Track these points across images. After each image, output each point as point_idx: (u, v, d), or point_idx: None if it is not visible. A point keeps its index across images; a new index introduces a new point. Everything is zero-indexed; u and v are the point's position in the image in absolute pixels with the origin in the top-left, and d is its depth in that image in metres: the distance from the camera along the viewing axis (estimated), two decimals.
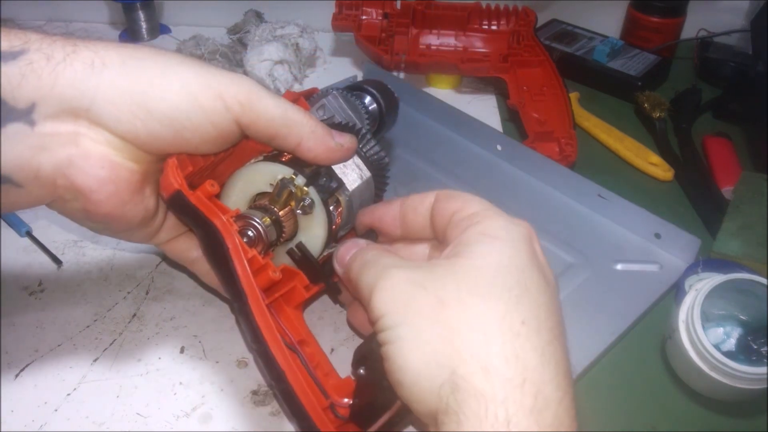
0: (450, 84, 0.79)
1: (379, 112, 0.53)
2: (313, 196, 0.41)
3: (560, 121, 0.67)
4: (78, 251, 0.54)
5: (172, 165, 0.39)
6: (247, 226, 0.40)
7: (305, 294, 0.42)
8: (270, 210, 0.41)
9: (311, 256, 0.42)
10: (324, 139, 0.41)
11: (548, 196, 0.62)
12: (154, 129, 0.37)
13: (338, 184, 0.43)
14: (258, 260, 0.39)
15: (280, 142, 0.40)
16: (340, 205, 0.44)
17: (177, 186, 0.39)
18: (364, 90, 0.54)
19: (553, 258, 0.55)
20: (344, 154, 0.43)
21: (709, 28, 0.84)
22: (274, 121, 0.39)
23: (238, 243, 0.38)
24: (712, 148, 0.69)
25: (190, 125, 0.37)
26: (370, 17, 0.77)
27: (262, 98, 0.39)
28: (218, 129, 0.38)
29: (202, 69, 0.38)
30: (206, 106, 0.37)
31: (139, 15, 0.85)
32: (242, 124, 0.39)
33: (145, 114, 0.36)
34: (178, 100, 0.36)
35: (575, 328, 0.49)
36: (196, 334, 0.48)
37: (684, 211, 0.63)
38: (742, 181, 0.60)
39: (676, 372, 0.47)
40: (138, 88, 0.36)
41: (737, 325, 0.46)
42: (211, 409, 0.44)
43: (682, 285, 0.50)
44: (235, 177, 0.43)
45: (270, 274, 0.39)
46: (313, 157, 0.41)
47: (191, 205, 0.39)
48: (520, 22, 0.77)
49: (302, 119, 0.40)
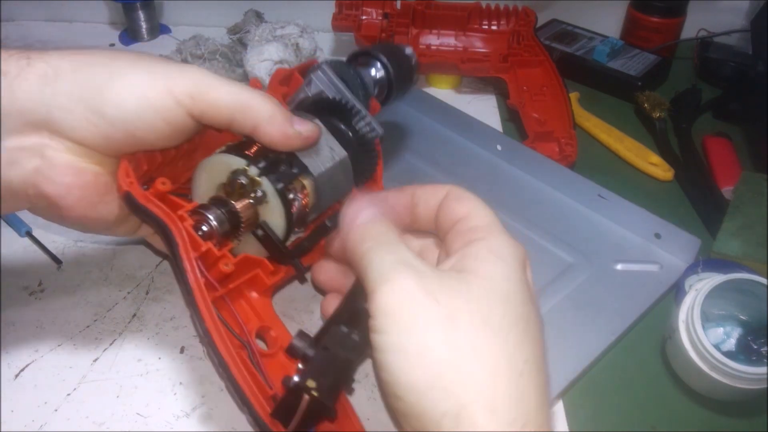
0: (450, 84, 0.79)
1: (388, 80, 0.51)
2: (265, 187, 0.41)
3: (560, 121, 0.67)
4: (78, 251, 0.54)
5: (122, 167, 0.40)
6: (201, 220, 0.40)
7: (268, 281, 0.43)
8: (225, 201, 0.41)
9: (274, 235, 0.42)
10: (282, 125, 0.40)
11: (548, 196, 0.62)
12: (109, 132, 0.38)
13: (300, 169, 0.42)
14: (213, 253, 0.39)
15: (237, 127, 0.40)
16: (306, 188, 0.43)
17: (126, 187, 0.39)
18: (373, 56, 0.52)
19: (553, 258, 0.55)
20: (303, 142, 0.42)
21: (709, 28, 0.84)
22: (226, 109, 0.39)
23: (186, 239, 0.39)
24: (712, 148, 0.69)
25: (143, 125, 0.38)
26: (370, 17, 0.77)
27: (212, 87, 0.39)
28: (171, 125, 0.39)
29: (152, 68, 0.39)
30: (157, 104, 0.38)
31: (139, 15, 0.85)
32: (195, 115, 0.39)
33: (98, 119, 0.37)
34: (128, 103, 0.37)
35: (575, 328, 0.49)
36: (196, 334, 0.48)
37: (684, 211, 0.63)
38: (742, 181, 0.60)
39: (676, 372, 0.47)
40: (89, 94, 0.37)
41: (737, 325, 0.46)
42: (211, 409, 0.44)
43: (682, 285, 0.50)
44: (199, 168, 0.43)
45: (221, 267, 0.40)
46: (268, 142, 0.41)
47: (140, 205, 0.39)
48: (520, 22, 0.77)
49: (258, 104, 0.40)
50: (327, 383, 0.34)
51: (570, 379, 0.46)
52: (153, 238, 0.47)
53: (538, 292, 0.51)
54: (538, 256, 0.56)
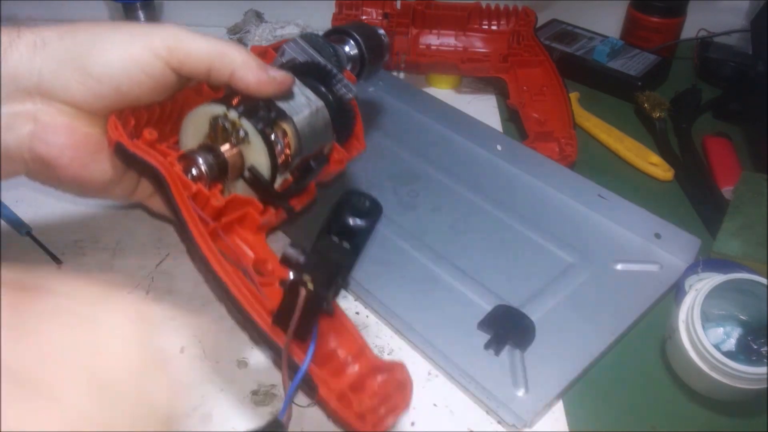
0: (450, 84, 0.79)
1: (360, 56, 0.54)
2: (246, 127, 0.43)
3: (560, 121, 0.67)
4: (78, 251, 0.54)
5: (111, 121, 0.42)
6: (190, 164, 0.43)
7: (259, 218, 0.45)
8: (211, 147, 0.44)
9: (260, 176, 0.44)
10: (256, 70, 0.43)
11: (548, 196, 0.62)
12: (96, 89, 0.41)
13: (277, 113, 0.45)
14: (203, 192, 0.42)
15: (215, 75, 0.43)
16: (287, 133, 0.45)
17: (115, 137, 0.42)
18: (347, 33, 0.55)
19: (553, 258, 0.55)
20: (277, 87, 0.44)
21: (709, 28, 0.84)
22: (203, 57, 0.42)
23: (177, 178, 0.41)
24: (712, 148, 0.69)
25: (127, 80, 0.41)
26: (370, 17, 0.77)
27: (189, 38, 0.42)
28: (153, 78, 0.42)
29: (132, 29, 0.42)
30: (138, 58, 0.41)
31: (139, 15, 0.85)
32: (174, 66, 0.42)
33: (86, 78, 0.40)
34: (112, 59, 0.41)
35: (575, 328, 0.50)
36: (196, 334, 0.48)
37: (684, 211, 0.63)
38: (742, 181, 0.60)
39: (676, 372, 0.47)
40: (76, 56, 0.40)
41: (737, 325, 0.46)
42: (211, 409, 0.44)
43: (682, 285, 0.50)
44: (184, 123, 0.46)
45: (213, 203, 0.42)
46: (245, 87, 0.43)
47: (131, 153, 0.41)
48: (520, 22, 0.77)
49: (233, 52, 0.43)
50: (322, 278, 0.35)
51: (570, 379, 0.46)
52: (150, 200, 0.49)
53: (538, 292, 0.52)
54: (538, 256, 0.56)
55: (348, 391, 0.38)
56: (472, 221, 0.59)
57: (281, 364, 0.37)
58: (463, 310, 0.50)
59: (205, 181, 0.43)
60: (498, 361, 0.47)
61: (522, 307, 0.50)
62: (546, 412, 0.45)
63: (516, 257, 0.55)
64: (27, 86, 0.40)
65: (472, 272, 0.53)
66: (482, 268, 0.54)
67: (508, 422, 0.43)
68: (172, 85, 0.43)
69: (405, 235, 0.57)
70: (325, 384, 0.37)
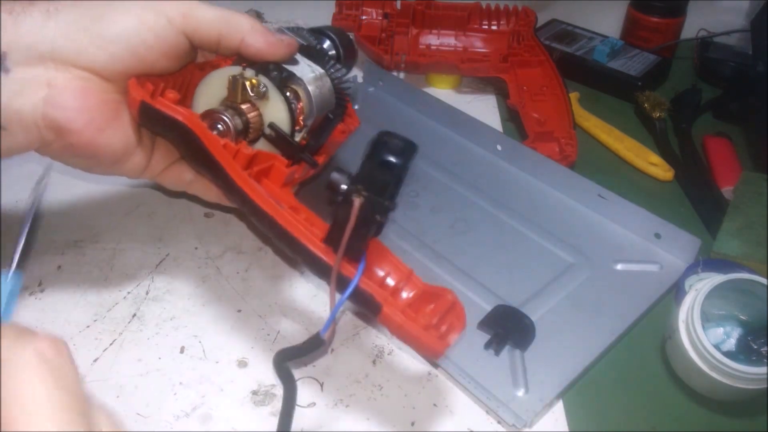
0: (450, 84, 0.79)
1: (337, 57, 0.57)
2: (264, 82, 0.45)
3: (560, 121, 0.67)
4: (78, 251, 0.54)
5: (132, 83, 0.42)
6: (214, 120, 0.44)
7: (285, 170, 0.46)
8: (233, 106, 0.45)
9: (282, 131, 0.46)
10: (264, 33, 0.45)
11: (548, 196, 0.62)
12: (113, 51, 0.41)
13: (288, 74, 0.46)
14: (231, 146, 0.43)
15: (225, 42, 0.44)
16: (299, 95, 0.47)
17: (140, 97, 0.42)
18: (323, 33, 0.58)
19: (553, 258, 0.55)
20: (286, 48, 0.46)
21: (709, 28, 0.84)
22: (214, 23, 0.43)
23: (206, 130, 0.42)
24: (712, 148, 0.69)
25: (143, 43, 0.42)
26: (370, 17, 0.77)
27: (199, 7, 0.43)
28: (168, 42, 0.43)
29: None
30: (152, 24, 0.42)
31: None
32: (187, 33, 0.43)
33: (101, 41, 0.41)
34: (127, 23, 0.41)
35: (575, 328, 0.50)
36: (196, 334, 0.48)
37: (684, 211, 0.63)
38: (742, 181, 0.60)
39: (676, 372, 0.47)
40: (90, 21, 0.41)
41: (737, 325, 0.46)
42: (211, 409, 0.44)
43: (682, 285, 0.50)
44: (198, 91, 0.47)
45: (244, 151, 0.43)
46: (256, 51, 0.45)
47: (157, 111, 0.42)
48: (520, 22, 0.77)
49: (240, 18, 0.44)
50: (374, 188, 0.35)
51: (570, 379, 0.46)
52: (162, 176, 0.49)
53: (538, 292, 0.52)
54: (538, 256, 0.56)
55: (408, 309, 0.38)
56: (472, 221, 0.59)
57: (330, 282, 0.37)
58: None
59: (231, 136, 0.44)
60: (498, 361, 0.47)
61: (522, 307, 0.50)
62: (546, 412, 0.45)
63: (516, 257, 0.55)
64: (41, 51, 0.40)
65: (472, 272, 0.53)
66: (482, 268, 0.54)
67: (508, 422, 0.43)
68: (185, 52, 0.44)
69: (405, 235, 0.57)
70: (387, 301, 0.37)
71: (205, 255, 0.55)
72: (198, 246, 0.55)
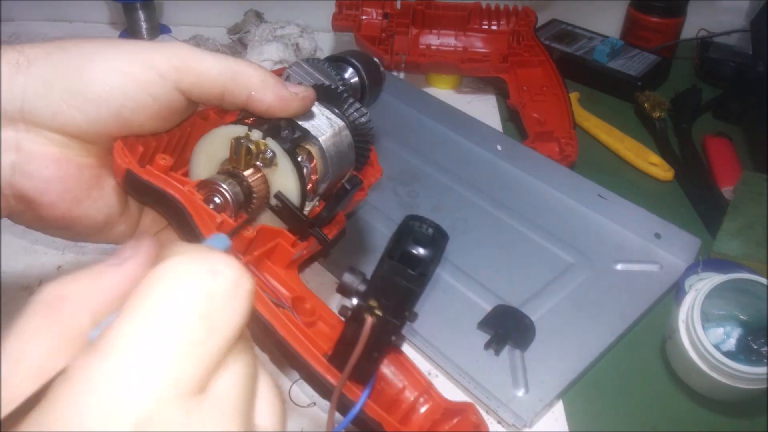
0: (450, 84, 0.79)
1: (361, 86, 0.51)
2: (272, 147, 0.39)
3: (560, 121, 0.67)
4: (78, 251, 0.54)
5: (117, 146, 0.36)
6: (211, 192, 0.38)
7: (292, 251, 0.41)
8: (234, 173, 0.39)
9: (290, 203, 0.40)
10: (276, 88, 0.38)
11: (548, 196, 0.62)
12: (93, 113, 0.35)
13: (303, 133, 0.40)
14: (229, 223, 0.37)
15: (229, 99, 0.38)
16: (313, 156, 0.42)
17: (125, 165, 0.36)
18: (346, 61, 0.52)
19: (553, 258, 0.55)
20: (301, 103, 0.40)
21: (709, 28, 0.84)
22: (217, 78, 0.37)
23: (199, 206, 0.36)
24: (712, 148, 0.69)
25: (128, 102, 0.35)
26: (370, 17, 0.77)
27: (199, 58, 0.36)
28: (159, 101, 0.36)
29: (131, 46, 0.36)
30: (140, 78, 0.35)
31: (139, 15, 0.85)
32: (184, 89, 0.36)
33: (79, 101, 0.34)
34: (110, 79, 0.34)
35: (575, 328, 0.50)
36: None
37: (684, 211, 0.63)
38: (742, 181, 0.60)
39: (676, 372, 0.47)
40: (65, 75, 0.34)
41: (737, 325, 0.46)
42: None
43: (682, 285, 0.50)
44: (196, 150, 0.41)
45: (243, 233, 0.37)
46: (266, 108, 0.38)
47: (144, 182, 0.36)
48: (520, 22, 0.77)
49: (249, 70, 0.38)
50: (390, 304, 0.30)
51: (570, 379, 0.46)
52: None
53: (538, 292, 0.52)
54: (538, 256, 0.56)
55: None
56: (472, 221, 0.59)
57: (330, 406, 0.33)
58: (463, 310, 0.50)
59: (230, 211, 0.38)
60: (498, 361, 0.47)
61: (522, 307, 0.50)
62: (546, 412, 0.45)
63: (516, 257, 0.55)
64: (8, 111, 0.33)
65: (472, 272, 0.53)
66: (482, 268, 0.54)
67: (508, 422, 0.43)
68: (179, 110, 0.38)
69: None
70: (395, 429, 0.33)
71: None
72: None
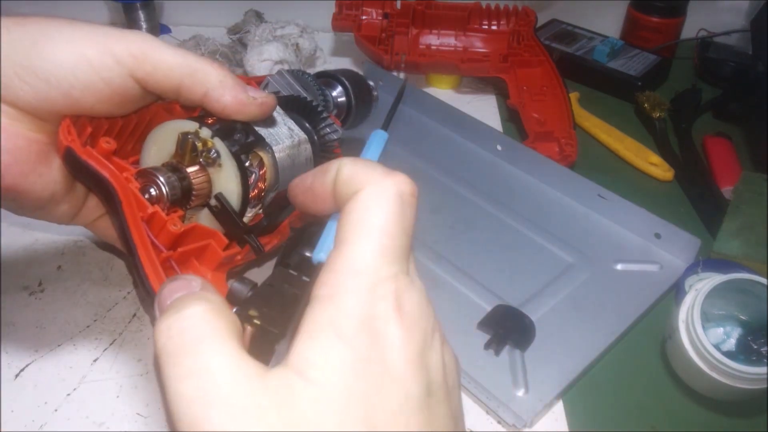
0: (450, 84, 0.79)
1: (347, 105, 0.50)
2: (218, 147, 0.39)
3: (560, 121, 0.67)
4: (78, 251, 0.54)
5: (63, 123, 0.37)
6: (148, 183, 0.38)
7: (221, 253, 0.40)
8: (176, 167, 0.39)
9: (229, 205, 0.40)
10: (234, 89, 0.38)
11: (548, 196, 0.62)
12: (43, 90, 0.35)
13: (256, 139, 0.40)
14: (160, 216, 0.37)
15: (185, 94, 0.38)
16: (264, 164, 0.41)
17: (66, 143, 0.36)
18: (336, 79, 0.51)
19: (553, 258, 0.55)
20: (258, 108, 0.39)
21: (709, 28, 0.84)
22: (173, 71, 0.37)
23: (131, 196, 0.36)
24: (712, 148, 0.69)
25: (79, 83, 0.35)
26: (370, 17, 0.77)
27: (158, 48, 0.36)
28: (111, 86, 0.36)
29: (93, 28, 0.36)
30: (95, 61, 0.35)
31: (139, 15, 0.85)
32: (138, 78, 0.36)
33: (30, 76, 0.34)
34: (64, 58, 0.35)
35: (575, 328, 0.49)
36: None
37: (684, 211, 0.63)
38: (742, 181, 0.60)
39: (676, 372, 0.47)
40: (22, 51, 0.34)
41: (737, 325, 0.46)
42: None
43: (682, 285, 0.50)
44: (148, 140, 0.41)
45: (170, 228, 0.37)
46: (221, 108, 0.38)
47: (82, 162, 0.36)
48: (520, 22, 0.77)
49: (208, 68, 0.38)
50: (272, 312, 0.29)
51: (570, 379, 0.46)
52: (95, 225, 0.43)
53: (538, 292, 0.52)
54: (538, 256, 0.56)
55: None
56: (472, 221, 0.59)
57: None
58: (463, 310, 0.50)
59: (164, 204, 0.38)
60: (498, 361, 0.47)
61: (522, 307, 0.50)
62: (546, 412, 0.45)
63: (516, 257, 0.55)
64: None
65: (472, 272, 0.53)
66: (482, 268, 0.54)
67: (508, 422, 0.43)
68: (134, 98, 0.38)
69: None
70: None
71: None
72: None
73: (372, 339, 0.23)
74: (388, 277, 0.25)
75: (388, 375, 0.23)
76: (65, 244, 0.55)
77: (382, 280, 0.25)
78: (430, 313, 0.26)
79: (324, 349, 0.23)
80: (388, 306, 0.24)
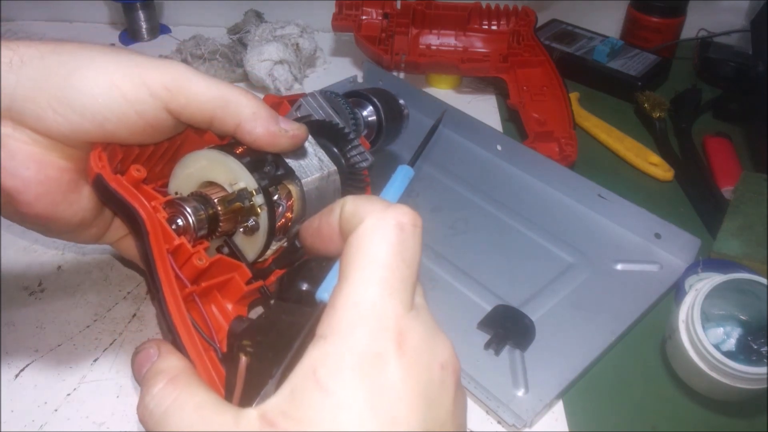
0: (450, 84, 0.79)
1: (377, 125, 0.50)
2: (261, 221, 0.39)
3: (560, 121, 0.67)
4: (78, 251, 0.54)
5: (94, 151, 0.37)
6: (177, 214, 0.38)
7: (244, 288, 0.40)
8: (211, 203, 0.39)
9: (238, 250, 0.40)
10: (266, 122, 0.38)
11: (548, 196, 0.62)
12: (76, 122, 0.35)
13: (286, 171, 0.40)
14: (186, 249, 0.36)
15: (218, 125, 0.38)
16: (292, 196, 0.41)
17: (97, 170, 0.36)
18: (367, 99, 0.51)
19: (553, 258, 0.55)
20: (290, 141, 0.39)
21: (709, 28, 0.84)
22: (207, 103, 0.37)
23: (158, 227, 0.36)
24: (712, 148, 0.69)
25: (113, 116, 0.35)
26: (370, 17, 0.77)
27: (192, 81, 0.36)
28: (145, 119, 0.36)
29: (126, 58, 0.36)
30: (129, 95, 0.35)
31: (139, 15, 0.85)
32: (172, 110, 0.36)
33: (64, 108, 0.34)
34: (98, 91, 0.35)
35: (575, 328, 0.49)
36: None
37: (684, 211, 0.63)
38: (742, 181, 0.60)
39: (676, 372, 0.47)
40: (56, 82, 0.34)
41: (737, 325, 0.46)
42: None
43: (682, 285, 0.50)
44: (177, 166, 0.41)
45: (195, 262, 0.36)
46: (253, 140, 0.38)
47: (112, 190, 0.36)
48: (520, 22, 0.77)
49: (241, 100, 0.38)
50: (267, 340, 0.29)
51: (570, 379, 0.46)
52: (120, 244, 0.44)
53: (538, 292, 0.52)
54: (538, 256, 0.56)
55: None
56: (472, 221, 0.59)
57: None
58: (463, 310, 0.50)
59: (191, 236, 0.38)
60: (498, 361, 0.47)
61: (522, 307, 0.50)
62: (546, 412, 0.45)
63: (516, 257, 0.55)
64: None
65: (472, 272, 0.53)
66: (482, 268, 0.54)
67: (508, 422, 0.43)
68: (167, 129, 0.38)
69: None
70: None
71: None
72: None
73: (371, 379, 0.23)
74: (388, 311, 0.24)
75: (388, 415, 0.23)
76: (65, 244, 0.55)
77: (382, 315, 0.24)
78: (437, 347, 0.26)
79: (319, 392, 0.23)
80: (389, 342, 0.24)
